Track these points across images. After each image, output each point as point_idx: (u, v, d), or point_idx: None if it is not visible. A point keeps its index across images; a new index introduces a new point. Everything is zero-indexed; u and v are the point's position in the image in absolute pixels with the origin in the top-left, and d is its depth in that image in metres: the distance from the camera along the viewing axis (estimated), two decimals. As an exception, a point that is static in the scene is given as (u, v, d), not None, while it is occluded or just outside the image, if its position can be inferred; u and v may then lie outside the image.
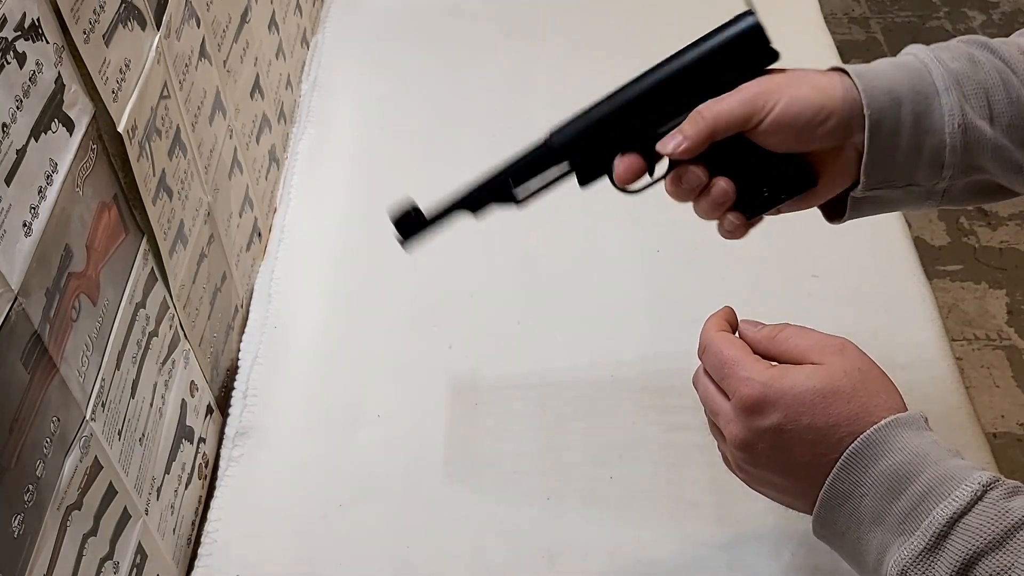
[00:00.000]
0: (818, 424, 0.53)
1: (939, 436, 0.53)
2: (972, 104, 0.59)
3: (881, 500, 0.51)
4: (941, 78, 0.60)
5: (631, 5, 1.33)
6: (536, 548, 0.76)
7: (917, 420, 0.53)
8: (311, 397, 0.89)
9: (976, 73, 0.60)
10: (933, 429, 0.53)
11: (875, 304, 0.91)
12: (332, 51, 1.29)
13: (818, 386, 0.53)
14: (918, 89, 0.59)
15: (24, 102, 0.56)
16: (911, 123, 0.59)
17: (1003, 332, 1.91)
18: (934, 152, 0.60)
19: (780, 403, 0.53)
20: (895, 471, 0.51)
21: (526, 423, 0.85)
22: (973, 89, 0.59)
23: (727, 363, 0.56)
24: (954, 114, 0.59)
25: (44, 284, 0.57)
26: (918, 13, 2.66)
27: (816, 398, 0.53)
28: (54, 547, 0.57)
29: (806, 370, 0.54)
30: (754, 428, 0.54)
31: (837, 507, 0.53)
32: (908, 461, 0.51)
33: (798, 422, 0.53)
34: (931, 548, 0.48)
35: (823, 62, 0.64)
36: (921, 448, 0.51)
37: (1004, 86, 0.60)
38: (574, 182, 0.65)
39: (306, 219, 1.06)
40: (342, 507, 0.80)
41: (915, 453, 0.51)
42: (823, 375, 0.53)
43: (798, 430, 0.53)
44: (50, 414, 0.57)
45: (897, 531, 0.50)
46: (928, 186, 0.61)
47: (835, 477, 0.52)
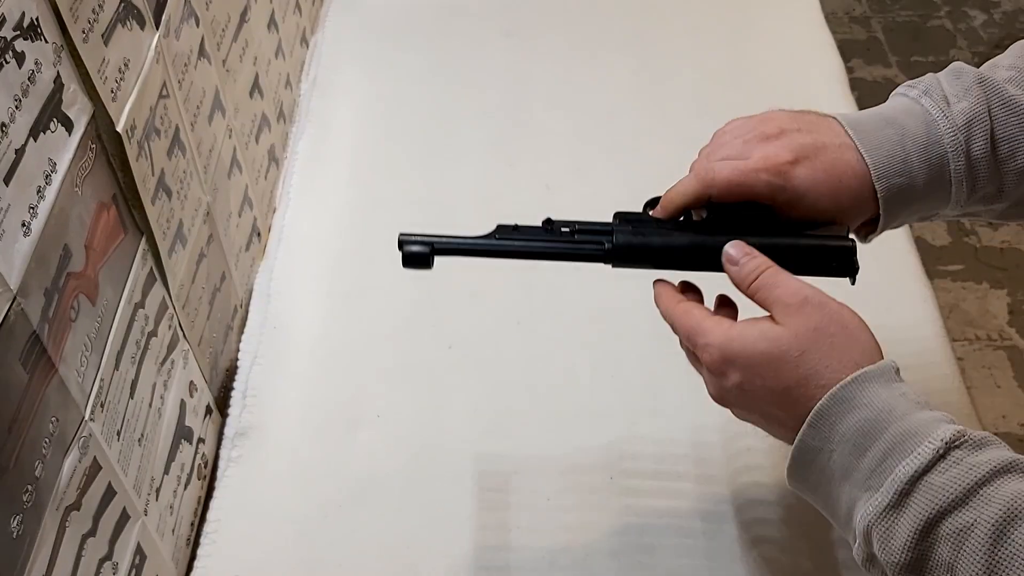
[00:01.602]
0: (771, 386, 0.55)
1: (910, 387, 0.53)
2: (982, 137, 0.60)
3: (849, 456, 0.52)
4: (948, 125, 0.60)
5: (631, 5, 1.33)
6: (536, 548, 0.76)
7: (887, 372, 0.53)
8: (311, 397, 0.89)
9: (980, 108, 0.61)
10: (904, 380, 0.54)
11: (876, 304, 0.90)
12: (332, 50, 1.29)
13: (766, 350, 0.55)
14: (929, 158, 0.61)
15: (23, 102, 0.56)
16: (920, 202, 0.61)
17: (1004, 332, 1.91)
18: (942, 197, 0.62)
19: (736, 364, 0.56)
20: (862, 427, 0.51)
21: (526, 423, 0.85)
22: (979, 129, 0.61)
23: (688, 334, 0.59)
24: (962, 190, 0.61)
25: (43, 284, 0.57)
26: (919, 12, 2.66)
27: (765, 361, 0.55)
28: (53, 548, 0.57)
29: (757, 331, 0.56)
30: (722, 387, 0.58)
31: (808, 463, 0.54)
32: (874, 416, 0.51)
33: (754, 383, 0.55)
34: (895, 505, 0.49)
35: (824, 61, 0.64)
36: (888, 402, 0.52)
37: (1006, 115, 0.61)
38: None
39: (305, 219, 1.06)
40: (342, 507, 0.80)
41: (881, 408, 0.52)
42: (772, 339, 0.55)
43: (756, 389, 0.55)
44: (49, 414, 0.57)
45: (864, 486, 0.51)
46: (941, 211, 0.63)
47: (804, 434, 0.53)
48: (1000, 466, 0.48)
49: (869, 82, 2.44)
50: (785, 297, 0.56)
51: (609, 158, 1.10)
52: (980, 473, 0.48)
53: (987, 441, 0.50)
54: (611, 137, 1.12)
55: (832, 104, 1.15)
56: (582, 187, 1.06)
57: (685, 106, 1.16)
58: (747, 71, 1.21)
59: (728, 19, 1.30)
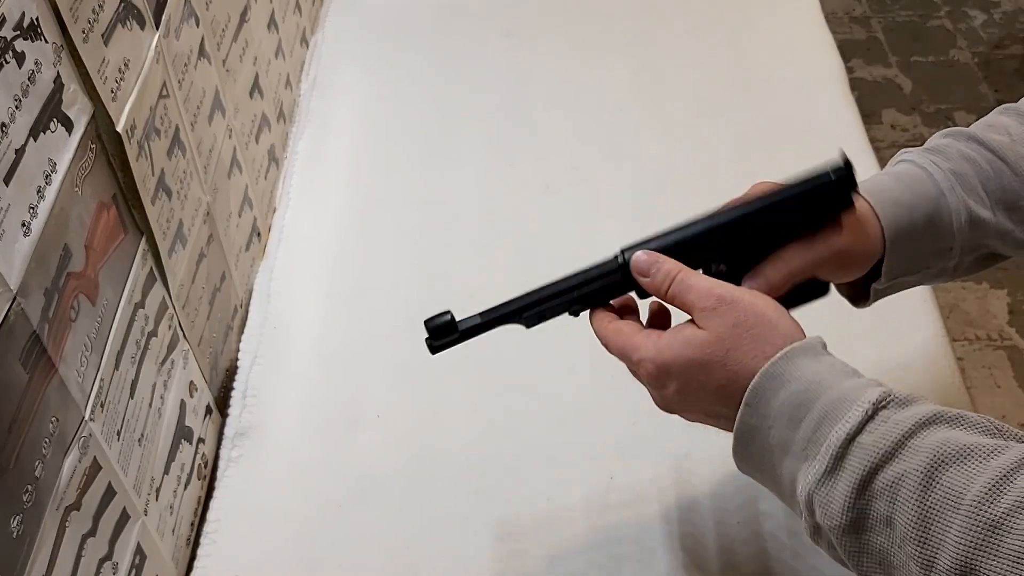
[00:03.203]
0: (707, 387, 0.57)
1: (837, 359, 0.55)
2: (974, 196, 0.64)
3: (785, 430, 0.53)
4: (943, 180, 0.64)
5: (631, 5, 1.33)
6: (536, 548, 0.76)
7: (814, 346, 0.55)
8: (311, 397, 0.89)
9: (970, 169, 0.65)
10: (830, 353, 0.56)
11: (876, 304, 0.91)
12: (331, 50, 1.29)
13: (693, 356, 0.57)
14: (924, 194, 0.64)
15: (23, 102, 0.56)
16: (923, 227, 0.64)
17: (1004, 332, 1.91)
18: (944, 245, 0.65)
19: (671, 374, 0.58)
20: (794, 400, 0.53)
21: (526, 423, 0.85)
22: (971, 185, 0.65)
23: (622, 354, 0.62)
24: (960, 211, 0.64)
25: (43, 284, 0.57)
26: (919, 12, 2.66)
27: (695, 367, 0.57)
28: (53, 547, 0.57)
29: (682, 339, 0.58)
30: (663, 396, 0.60)
31: (749, 442, 0.56)
32: (805, 388, 0.53)
33: (691, 387, 0.58)
34: (831, 470, 0.51)
35: (824, 61, 0.64)
36: (818, 374, 0.54)
37: (997, 176, 0.65)
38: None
39: (305, 219, 1.06)
40: (342, 507, 0.80)
41: (811, 380, 0.53)
42: (697, 345, 0.57)
43: (695, 392, 0.58)
44: (49, 414, 0.57)
45: (802, 457, 0.53)
46: (939, 267, 0.67)
47: (742, 414, 0.55)
48: (925, 419, 0.50)
49: (869, 82, 2.44)
50: (700, 301, 0.58)
51: (609, 158, 1.10)
52: (906, 427, 0.50)
53: (912, 399, 0.52)
54: (611, 137, 1.12)
55: (832, 104, 1.15)
56: (582, 187, 1.06)
57: (685, 106, 1.16)
58: (747, 71, 1.21)
59: (728, 19, 1.30)
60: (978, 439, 0.48)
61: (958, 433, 0.49)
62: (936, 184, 0.65)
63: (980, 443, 0.48)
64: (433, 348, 0.65)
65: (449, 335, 0.65)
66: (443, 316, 0.64)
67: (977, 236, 0.65)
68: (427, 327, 0.64)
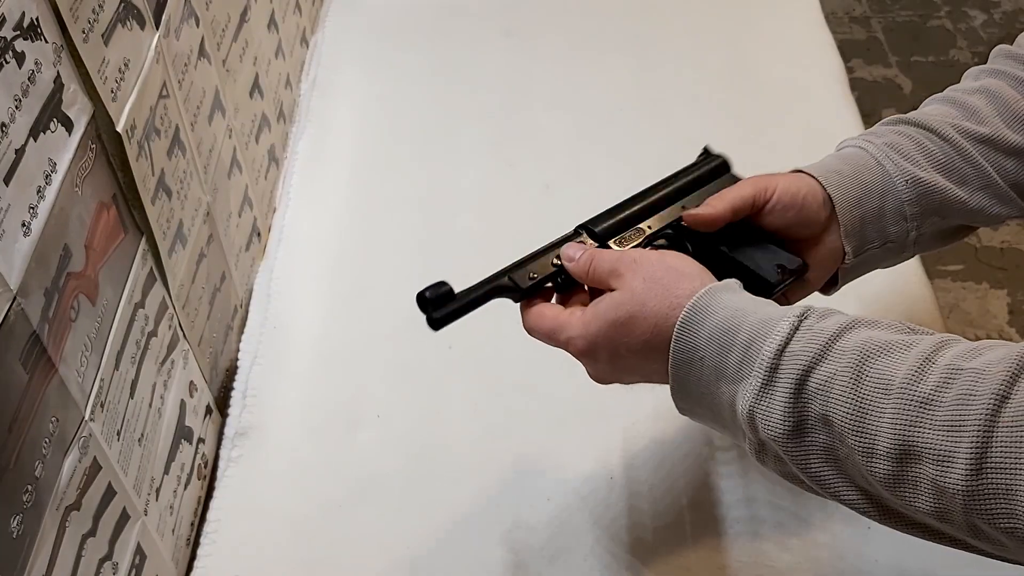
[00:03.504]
0: (633, 344, 0.60)
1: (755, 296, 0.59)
2: (910, 161, 0.68)
3: (717, 356, 0.56)
4: (877, 151, 0.69)
5: (631, 5, 1.33)
6: (536, 548, 0.76)
7: (732, 285, 0.59)
8: (311, 397, 0.89)
9: (903, 140, 0.69)
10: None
11: (877, 304, 0.91)
12: (331, 50, 1.29)
13: (616, 317, 0.60)
14: (861, 163, 0.69)
15: (23, 102, 0.56)
16: (868, 191, 0.69)
17: (1004, 332, 1.91)
18: (895, 209, 0.69)
19: (599, 344, 0.61)
20: (721, 327, 0.56)
21: (526, 423, 0.85)
22: (907, 151, 0.69)
23: (550, 335, 0.64)
24: (900, 173, 0.68)
25: (43, 284, 0.57)
26: (919, 12, 2.66)
27: (619, 327, 0.60)
28: (53, 547, 0.57)
29: (603, 305, 0.61)
30: (596, 367, 0.63)
31: (684, 376, 0.58)
32: (730, 316, 0.56)
33: (619, 349, 0.60)
34: (767, 383, 0.53)
35: (824, 61, 0.64)
36: (740, 303, 0.57)
37: (929, 141, 0.69)
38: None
39: (305, 219, 1.06)
40: (342, 507, 0.80)
41: (735, 308, 0.57)
42: (616, 305, 0.60)
43: (625, 355, 0.60)
44: (49, 414, 0.57)
45: (737, 379, 0.55)
46: (900, 240, 0.70)
47: (674, 350, 0.58)
48: (847, 324, 0.53)
49: (869, 82, 2.44)
50: (610, 266, 0.62)
51: (609, 158, 1.10)
52: (831, 331, 0.53)
53: (831, 311, 0.55)
54: (611, 137, 1.12)
55: (832, 104, 1.15)
56: (582, 187, 1.06)
57: (685, 106, 1.16)
58: (747, 71, 1.21)
59: (728, 19, 1.30)
60: (897, 336, 0.52)
61: (878, 332, 0.52)
62: (872, 155, 0.69)
63: (899, 338, 0.51)
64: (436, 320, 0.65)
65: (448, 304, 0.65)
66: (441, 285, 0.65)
67: (926, 201, 0.68)
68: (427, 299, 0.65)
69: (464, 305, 0.66)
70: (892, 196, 0.68)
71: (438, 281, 0.65)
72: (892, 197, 0.68)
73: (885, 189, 0.68)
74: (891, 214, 0.69)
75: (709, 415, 0.59)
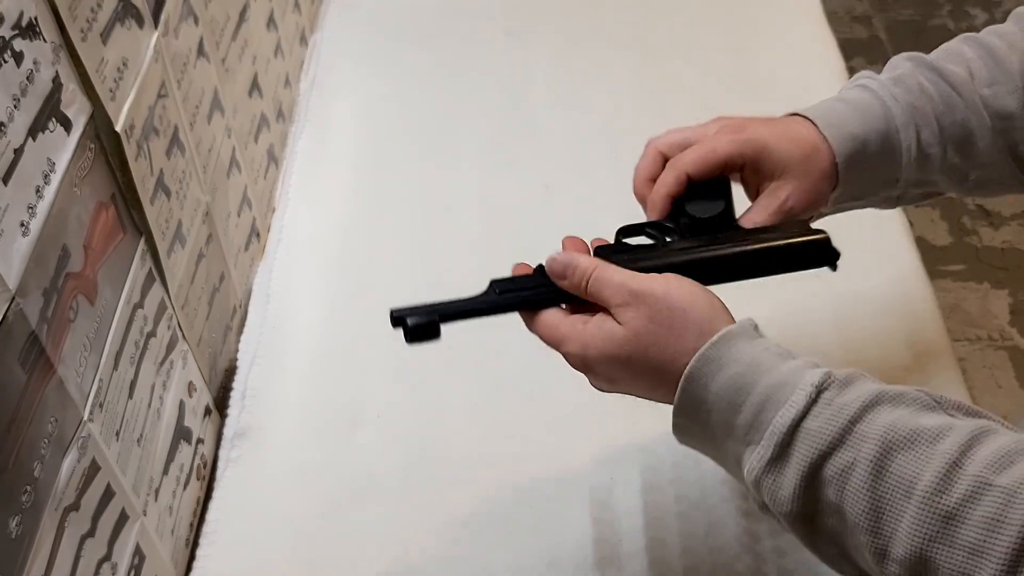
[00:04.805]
0: (636, 378, 0.57)
1: (771, 341, 0.55)
2: (926, 133, 0.65)
3: (725, 413, 0.53)
4: (900, 115, 0.65)
5: (631, 4, 1.32)
6: (536, 548, 0.76)
7: (747, 329, 0.55)
8: (310, 397, 0.88)
9: (926, 103, 0.66)
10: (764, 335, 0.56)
11: (877, 304, 0.90)
12: (331, 49, 1.29)
13: (615, 353, 0.57)
14: (879, 129, 0.65)
15: (21, 101, 0.56)
16: (875, 160, 0.65)
17: (1005, 332, 1.91)
18: (891, 176, 0.66)
19: (597, 370, 0.59)
20: (732, 384, 0.53)
21: (526, 423, 0.85)
22: (926, 119, 0.65)
23: (551, 343, 0.61)
24: (912, 149, 0.65)
25: (42, 284, 0.57)
26: (921, 11, 2.66)
27: (619, 362, 0.57)
28: (52, 548, 0.57)
29: (605, 333, 0.57)
30: (595, 381, 0.61)
31: (688, 425, 0.56)
32: (743, 372, 0.53)
33: (620, 377, 0.58)
34: (777, 457, 0.51)
35: (825, 60, 0.64)
36: (754, 357, 0.53)
37: (951, 110, 0.66)
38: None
39: (305, 219, 1.05)
40: (342, 507, 0.80)
41: (749, 363, 0.53)
42: (617, 342, 0.57)
43: (624, 381, 0.59)
44: (48, 415, 0.57)
45: (744, 442, 0.53)
46: (883, 195, 0.68)
47: (679, 399, 0.55)
48: (869, 400, 0.50)
49: (870, 81, 2.44)
50: (614, 298, 0.58)
51: (609, 158, 1.09)
52: (851, 411, 0.49)
53: (853, 377, 0.51)
54: (611, 137, 1.12)
55: (833, 103, 1.15)
56: (582, 187, 1.06)
57: (686, 105, 1.16)
58: (748, 70, 1.20)
59: (729, 18, 1.29)
60: (923, 420, 0.48)
61: (902, 413, 0.49)
62: (892, 119, 0.65)
63: (926, 425, 0.48)
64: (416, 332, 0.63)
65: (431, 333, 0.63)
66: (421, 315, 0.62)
67: (924, 172, 0.66)
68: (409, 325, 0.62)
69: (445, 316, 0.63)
70: (894, 166, 0.66)
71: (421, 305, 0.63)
72: (893, 167, 0.66)
73: (892, 159, 0.66)
74: (883, 183, 0.67)
75: (713, 457, 0.57)
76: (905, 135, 0.65)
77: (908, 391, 0.50)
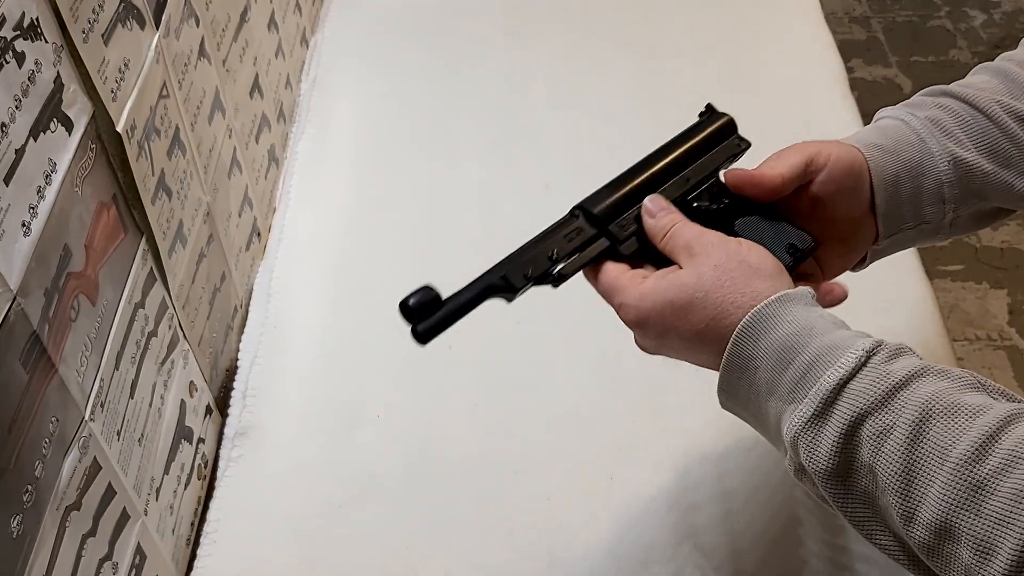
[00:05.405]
0: (685, 331, 0.57)
1: (827, 311, 0.56)
2: (953, 140, 0.65)
3: (773, 371, 0.54)
4: (920, 127, 0.66)
5: (631, 5, 1.33)
6: (536, 548, 0.76)
7: (804, 296, 0.56)
8: (311, 397, 0.89)
9: (946, 116, 0.66)
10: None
11: (876, 304, 0.91)
12: (332, 50, 1.29)
13: (674, 297, 0.57)
14: (903, 140, 0.66)
15: (23, 102, 0.56)
16: (907, 170, 0.65)
17: (1004, 332, 1.91)
18: (935, 190, 0.65)
19: (650, 320, 0.59)
20: (784, 342, 0.54)
21: (526, 423, 0.85)
22: (949, 128, 0.65)
23: (606, 293, 0.62)
24: (941, 153, 0.65)
25: (43, 284, 0.57)
26: (919, 12, 2.66)
27: (674, 309, 0.57)
28: (53, 547, 0.57)
29: (666, 281, 0.58)
30: (643, 338, 0.61)
31: (735, 380, 0.56)
32: (796, 332, 0.54)
33: (670, 332, 0.58)
34: (819, 414, 0.51)
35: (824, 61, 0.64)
36: (808, 320, 0.54)
37: (973, 120, 0.65)
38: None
39: (305, 219, 1.06)
40: (342, 507, 0.80)
41: (803, 325, 0.54)
42: (678, 285, 0.58)
43: (674, 336, 0.58)
44: (49, 414, 0.57)
45: (788, 399, 0.53)
46: (936, 222, 0.67)
47: (729, 352, 0.55)
48: (915, 371, 0.50)
49: (869, 82, 2.44)
50: (687, 243, 0.59)
51: (609, 158, 1.09)
52: (898, 377, 0.50)
53: (903, 350, 0.52)
54: (611, 137, 1.12)
55: (832, 104, 1.15)
56: (582, 187, 1.05)
57: (685, 106, 1.16)
58: (747, 71, 1.21)
59: (728, 19, 1.29)
60: (965, 397, 0.49)
61: (946, 386, 0.50)
62: (914, 130, 0.66)
63: (967, 401, 0.48)
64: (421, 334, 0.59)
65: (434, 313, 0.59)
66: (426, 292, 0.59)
67: (967, 181, 0.65)
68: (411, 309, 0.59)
69: (453, 312, 0.60)
70: (932, 176, 0.65)
71: (423, 287, 0.59)
72: (932, 177, 0.65)
73: (925, 168, 0.65)
74: (928, 195, 0.65)
75: (753, 420, 0.58)
76: (932, 143, 0.65)
77: (954, 369, 0.51)
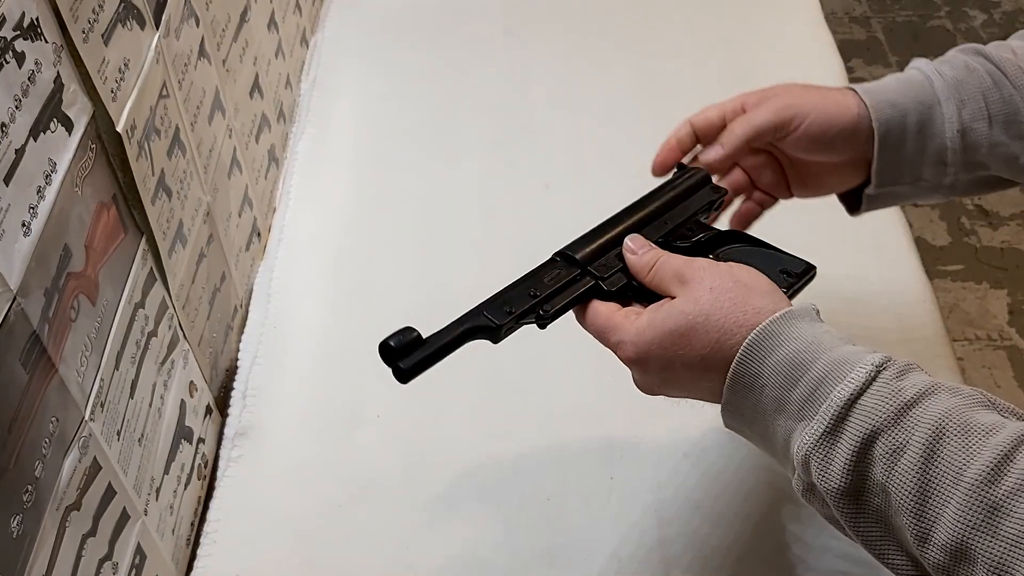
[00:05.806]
0: (690, 357, 0.56)
1: (832, 327, 0.55)
2: (970, 108, 0.64)
3: (780, 389, 0.53)
4: (942, 88, 0.65)
5: (631, 4, 1.33)
6: (536, 548, 0.76)
7: (809, 312, 0.55)
8: (311, 397, 0.89)
9: (972, 79, 0.65)
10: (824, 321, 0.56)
11: (876, 304, 0.91)
12: (331, 50, 1.29)
13: (675, 327, 0.56)
14: (921, 100, 0.65)
15: (23, 102, 0.56)
16: (915, 131, 0.65)
17: (1004, 332, 1.91)
18: (937, 154, 0.65)
19: (652, 354, 0.57)
20: (791, 360, 0.53)
21: (526, 423, 0.85)
22: (971, 93, 0.65)
23: (600, 334, 0.61)
24: (953, 121, 0.64)
25: (43, 284, 0.57)
26: (919, 12, 2.66)
27: (676, 338, 0.56)
28: (53, 548, 0.57)
29: (662, 312, 0.57)
30: (644, 377, 0.60)
31: (741, 399, 0.55)
32: (803, 349, 0.53)
33: (673, 362, 0.57)
34: (831, 431, 0.50)
35: (824, 61, 0.64)
36: (815, 337, 0.53)
37: (997, 87, 0.65)
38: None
39: (305, 219, 1.06)
40: (342, 507, 0.80)
41: (809, 341, 0.53)
42: (676, 314, 0.57)
43: (678, 366, 0.57)
44: (49, 414, 0.57)
45: (798, 417, 0.52)
46: (934, 181, 0.66)
47: (734, 371, 0.55)
48: (926, 388, 0.50)
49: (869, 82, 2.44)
50: (677, 271, 0.59)
51: (609, 158, 1.10)
52: (909, 395, 0.49)
53: (912, 367, 0.52)
54: (611, 137, 1.12)
55: (832, 104, 1.15)
56: (582, 187, 1.06)
57: (685, 106, 1.16)
58: (747, 71, 1.20)
59: (728, 19, 1.30)
60: (977, 415, 0.48)
61: (958, 403, 0.49)
62: (935, 92, 0.65)
63: (980, 419, 0.48)
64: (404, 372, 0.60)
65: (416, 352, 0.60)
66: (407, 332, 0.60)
67: (972, 151, 0.65)
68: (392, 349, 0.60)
69: (435, 352, 0.60)
70: (937, 140, 0.65)
71: (403, 328, 0.60)
72: (937, 141, 0.65)
73: (933, 132, 0.65)
74: (931, 158, 0.66)
75: (758, 440, 0.57)
76: (947, 108, 0.65)
77: (964, 387, 0.51)
